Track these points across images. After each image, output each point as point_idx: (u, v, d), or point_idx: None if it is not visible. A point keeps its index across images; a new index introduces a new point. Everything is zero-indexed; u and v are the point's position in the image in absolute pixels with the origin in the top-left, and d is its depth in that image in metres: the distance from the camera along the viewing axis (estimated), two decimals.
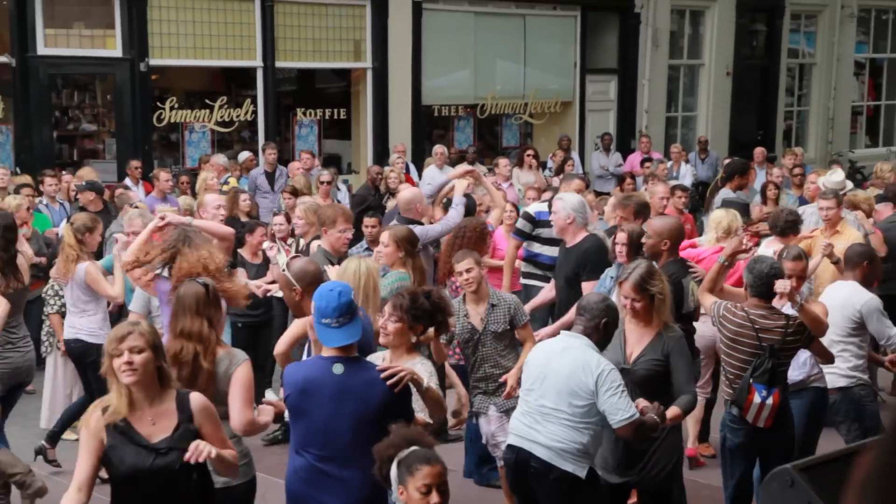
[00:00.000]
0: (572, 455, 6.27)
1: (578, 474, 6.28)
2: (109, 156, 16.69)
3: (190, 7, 17.36)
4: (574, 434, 6.24)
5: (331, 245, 9.45)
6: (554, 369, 6.36)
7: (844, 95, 27.47)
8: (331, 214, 9.71)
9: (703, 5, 24.04)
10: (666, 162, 19.39)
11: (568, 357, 6.34)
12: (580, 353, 6.31)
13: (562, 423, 6.27)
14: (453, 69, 20.55)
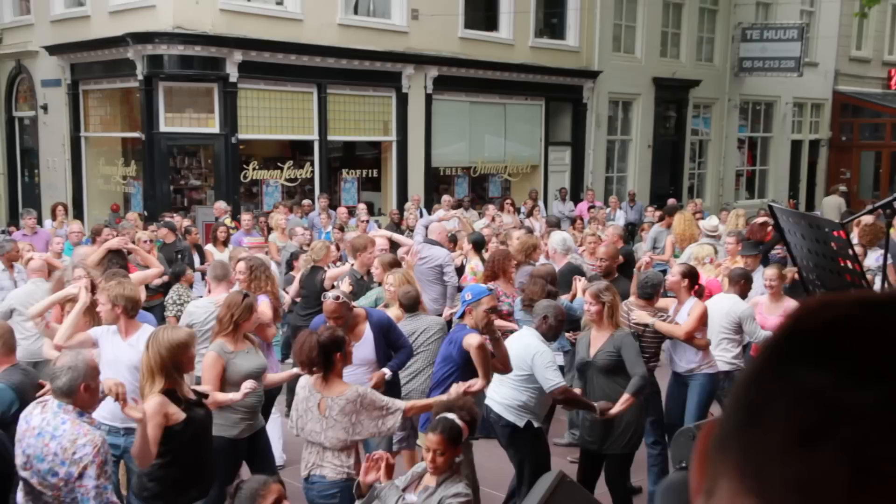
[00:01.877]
0: (514, 409, 6.65)
1: (518, 424, 6.64)
2: (209, 203, 16.64)
3: (266, 97, 17.41)
4: (516, 394, 6.63)
5: (362, 264, 9.35)
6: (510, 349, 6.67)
7: (730, 162, 27.60)
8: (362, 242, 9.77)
9: (632, 97, 24.09)
10: (605, 208, 19.46)
11: (518, 342, 6.83)
12: (527, 339, 6.78)
13: (509, 386, 6.66)
14: (454, 141, 20.55)
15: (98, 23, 17.43)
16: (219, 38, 16.39)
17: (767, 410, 0.72)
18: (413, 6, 19.04)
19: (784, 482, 0.69)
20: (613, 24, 23.32)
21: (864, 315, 0.74)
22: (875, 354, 0.70)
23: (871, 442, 0.67)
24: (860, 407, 0.68)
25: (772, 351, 0.76)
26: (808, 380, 0.70)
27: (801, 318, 0.77)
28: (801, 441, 0.69)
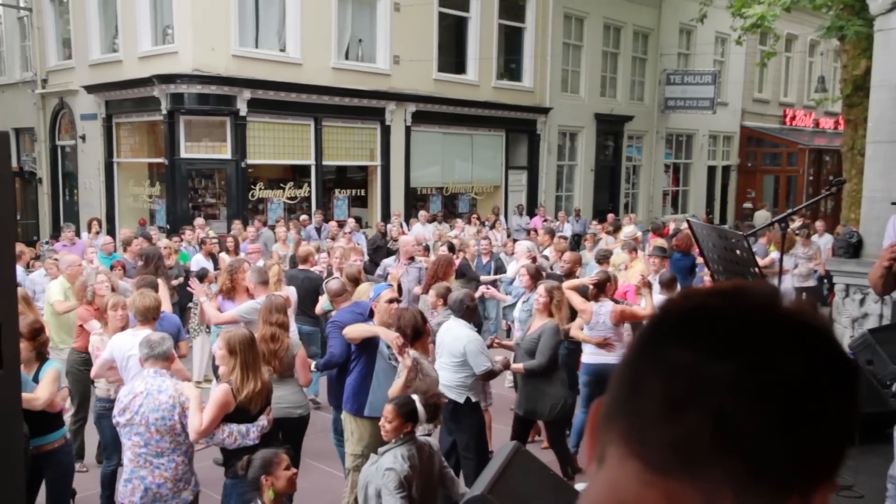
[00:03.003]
0: (454, 389, 6.55)
1: (459, 400, 6.57)
2: (223, 218, 16.55)
3: (271, 128, 17.30)
4: (454, 376, 6.58)
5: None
6: (443, 340, 6.75)
7: (658, 184, 27.75)
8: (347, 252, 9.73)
9: (577, 129, 24.14)
10: (555, 221, 19.49)
11: (449, 333, 6.73)
12: (456, 330, 6.70)
13: (449, 370, 6.58)
14: (429, 166, 20.51)
15: (129, 66, 17.33)
16: (231, 80, 16.28)
17: (644, 386, 0.75)
18: (395, 52, 18.96)
19: (661, 444, 0.72)
20: (562, 69, 23.32)
21: (717, 302, 0.78)
22: (728, 334, 0.74)
23: (728, 406, 0.71)
24: (719, 377, 0.72)
25: (645, 336, 0.80)
26: (676, 358, 0.74)
27: (668, 308, 0.81)
28: (672, 409, 0.72)
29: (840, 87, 19.01)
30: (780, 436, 0.71)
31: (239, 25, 16.58)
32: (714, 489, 0.71)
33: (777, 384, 0.71)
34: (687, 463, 0.71)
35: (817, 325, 0.76)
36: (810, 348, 0.74)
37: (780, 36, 24.25)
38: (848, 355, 0.77)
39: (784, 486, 0.72)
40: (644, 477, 0.73)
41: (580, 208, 22.86)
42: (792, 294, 0.79)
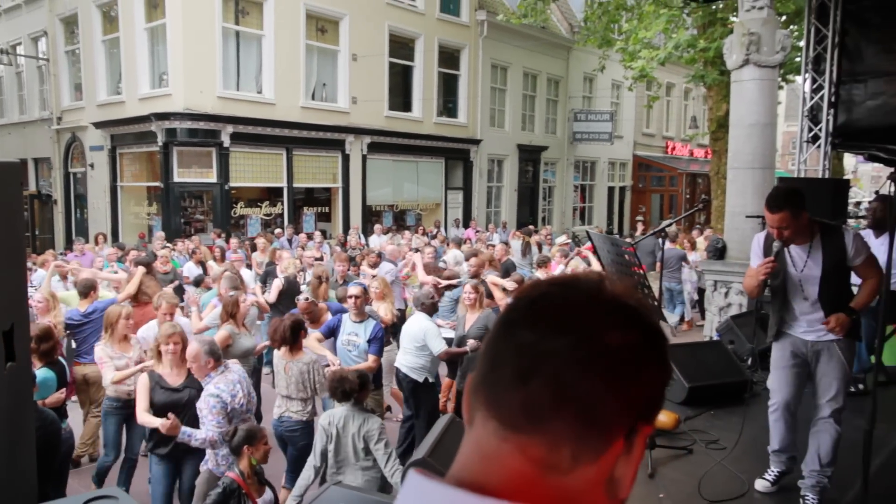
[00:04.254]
0: (416, 370, 6.48)
1: (419, 380, 6.47)
2: (210, 231, 16.30)
3: (250, 157, 17.08)
4: (415, 359, 6.51)
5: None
6: (407, 329, 6.61)
7: (569, 201, 27.94)
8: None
9: (503, 157, 24.23)
10: (486, 232, 19.57)
11: (415, 324, 6.57)
12: (419, 322, 6.56)
13: (411, 354, 6.49)
14: (382, 187, 20.45)
15: (130, 106, 17.01)
16: (216, 117, 16.07)
17: (499, 361, 0.78)
18: (353, 94, 18.89)
19: (512, 406, 0.76)
20: (490, 108, 23.42)
21: (556, 290, 0.81)
22: (562, 316, 0.77)
23: (563, 373, 0.74)
24: (555, 351, 0.75)
25: (501, 321, 0.82)
26: (522, 337, 0.77)
27: (518, 297, 0.83)
28: (520, 378, 0.75)
29: (707, 125, 19.52)
30: (603, 392, 0.74)
31: (223, 72, 16.38)
32: (556, 439, 0.74)
33: (599, 353, 0.75)
34: (533, 420, 0.74)
35: (631, 303, 0.80)
36: (625, 322, 0.78)
37: (661, 84, 24.78)
38: (657, 326, 0.81)
39: (610, 430, 0.76)
40: (501, 434, 0.76)
41: (506, 221, 23.03)
42: (616, 280, 0.83)
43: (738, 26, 9.56)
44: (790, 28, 14.09)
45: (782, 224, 3.81)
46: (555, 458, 0.74)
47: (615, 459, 0.76)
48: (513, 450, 0.75)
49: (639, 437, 0.78)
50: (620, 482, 0.77)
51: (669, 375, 0.82)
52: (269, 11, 17.08)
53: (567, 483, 0.75)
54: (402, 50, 20.45)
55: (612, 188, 30.29)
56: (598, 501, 0.77)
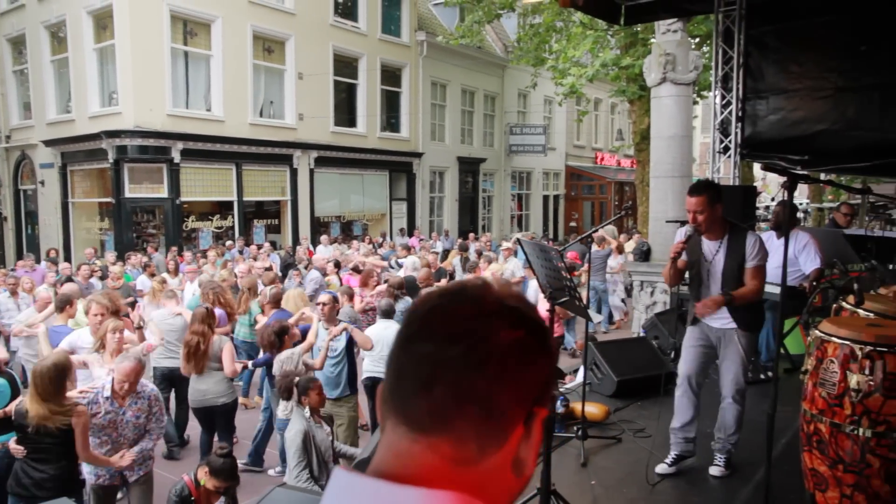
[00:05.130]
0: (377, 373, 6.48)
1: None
2: (161, 245, 15.97)
3: (200, 172, 16.82)
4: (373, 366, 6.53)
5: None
6: (386, 336, 6.48)
7: (507, 209, 28.17)
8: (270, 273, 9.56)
9: (444, 169, 24.32)
10: (429, 240, 19.63)
11: (388, 331, 6.53)
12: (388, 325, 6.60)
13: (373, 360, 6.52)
14: (329, 199, 20.36)
15: (80, 124, 16.56)
16: (166, 134, 15.78)
17: (403, 372, 0.81)
18: (299, 111, 18.76)
19: (420, 413, 0.78)
20: (431, 123, 23.51)
21: (445, 302, 0.83)
22: (453, 326, 0.79)
23: (461, 378, 0.77)
24: (451, 359, 0.77)
25: (400, 335, 0.83)
26: (421, 350, 0.79)
27: (412, 311, 0.85)
28: (423, 387, 0.78)
29: (632, 137, 20.00)
30: (499, 389, 0.78)
31: (172, 90, 16.10)
32: (461, 436, 0.77)
33: (491, 355, 0.77)
34: (439, 423, 0.77)
35: (514, 304, 0.83)
36: (510, 322, 0.80)
37: (589, 99, 25.35)
38: (540, 320, 0.85)
39: (510, 420, 0.79)
40: (411, 436, 0.78)
41: (448, 229, 23.16)
42: (503, 282, 0.89)
43: (655, 47, 9.88)
44: (702, 49, 14.60)
45: (699, 208, 4.07)
46: (463, 453, 0.77)
47: (518, 443, 0.80)
48: (423, 449, 0.77)
49: (536, 420, 0.81)
50: (525, 461, 0.81)
51: (555, 361, 0.86)
52: (217, 32, 16.87)
53: (477, 471, 0.78)
54: (346, 69, 20.42)
55: (546, 197, 30.66)
56: (507, 481, 0.80)
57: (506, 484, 0.80)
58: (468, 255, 15.32)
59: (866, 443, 2.83)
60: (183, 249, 14.99)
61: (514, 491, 0.82)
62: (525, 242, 4.11)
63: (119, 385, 4.50)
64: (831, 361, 2.97)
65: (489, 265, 11.81)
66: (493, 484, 0.79)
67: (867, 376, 2.84)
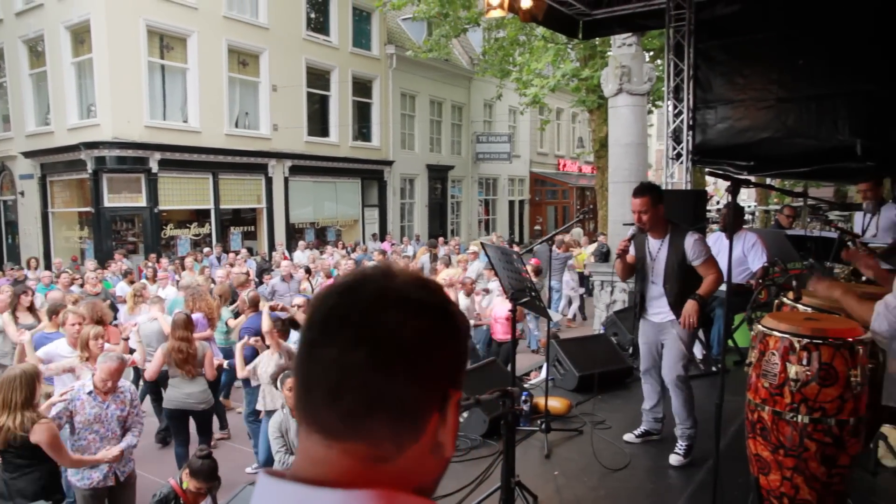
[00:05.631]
0: None
1: None
2: (141, 253, 15.77)
3: (178, 181, 16.64)
4: None
5: None
6: None
7: (474, 214, 28.28)
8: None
9: (414, 176, 24.37)
10: (400, 245, 19.64)
11: None
12: None
13: None
14: (304, 206, 20.25)
15: (59, 136, 16.30)
16: (144, 145, 15.59)
17: (311, 381, 0.75)
18: (274, 122, 18.66)
19: (332, 419, 0.74)
20: (401, 132, 23.54)
21: (343, 301, 0.77)
22: (353, 327, 0.74)
23: (369, 382, 0.73)
24: (357, 364, 0.73)
25: (302, 340, 0.78)
26: (325, 356, 0.74)
27: (311, 313, 0.79)
28: (332, 395, 0.73)
29: (592, 144, 20.24)
30: (409, 385, 0.74)
31: (149, 102, 15.91)
32: (376, 437, 0.73)
33: (397, 352, 0.73)
34: (352, 428, 0.73)
35: (416, 293, 0.78)
36: (414, 313, 0.76)
37: (551, 108, 25.55)
38: (444, 303, 0.80)
39: (424, 412, 0.76)
40: (325, 443, 0.74)
41: (419, 234, 23.18)
42: (400, 268, 0.81)
43: (612, 60, 10.03)
44: (655, 62, 14.84)
45: (643, 208, 4.19)
46: (379, 452, 0.74)
47: (435, 430, 0.76)
48: (339, 454, 0.74)
49: (451, 404, 0.78)
50: (444, 445, 0.78)
51: (465, 342, 0.81)
52: (193, 47, 16.71)
53: (396, 465, 0.75)
54: (318, 81, 20.35)
55: (512, 202, 30.83)
56: (428, 467, 0.78)
57: (428, 468, 0.78)
58: (436, 252, 15.42)
59: (804, 428, 2.93)
60: (161, 256, 14.82)
61: (437, 472, 0.80)
62: (488, 246, 4.15)
63: (102, 383, 4.47)
64: (773, 354, 3.05)
65: (445, 268, 11.84)
66: (414, 473, 0.76)
67: (805, 367, 2.93)
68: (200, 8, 16.73)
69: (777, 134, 8.00)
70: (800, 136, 7.77)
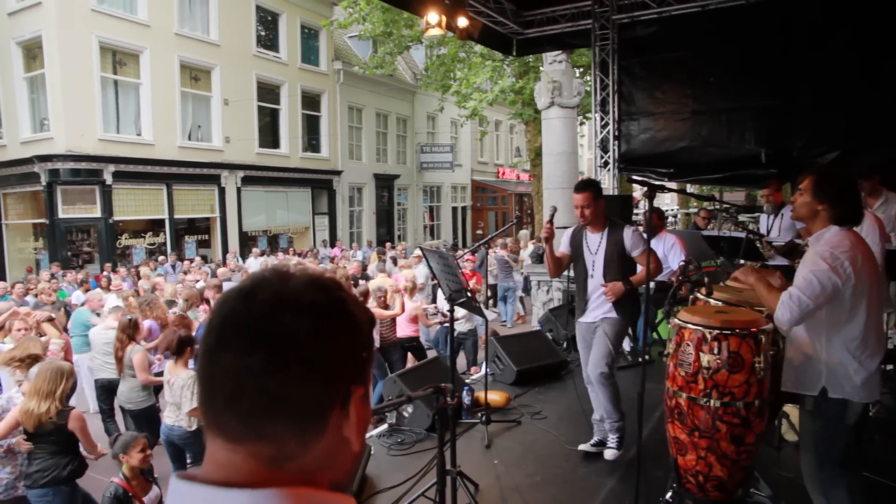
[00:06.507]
0: None
1: None
2: (97, 263, 15.23)
3: (132, 193, 16.14)
4: None
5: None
6: None
7: (420, 220, 28.12)
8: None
9: (362, 185, 24.20)
10: (349, 250, 19.49)
11: None
12: None
13: None
14: (256, 215, 19.89)
15: (12, 149, 15.64)
16: (98, 157, 15.06)
17: (212, 387, 0.73)
18: (226, 134, 18.29)
19: (233, 424, 0.71)
20: (349, 143, 23.37)
21: (240, 306, 0.74)
22: (252, 331, 0.71)
23: (267, 385, 0.70)
24: (254, 368, 0.70)
25: (202, 347, 0.75)
26: (223, 362, 0.71)
27: (210, 318, 0.76)
28: (232, 400, 0.71)
29: (528, 154, 20.52)
30: (308, 386, 0.71)
31: (103, 116, 15.39)
32: (279, 439, 0.71)
33: (293, 354, 0.70)
34: (253, 431, 0.71)
35: (310, 294, 0.75)
36: (310, 314, 0.73)
37: (490, 120, 25.76)
38: (341, 302, 0.77)
39: (325, 410, 0.73)
40: (230, 447, 0.72)
41: (371, 240, 23.04)
42: (300, 270, 0.79)
43: (544, 75, 10.19)
44: (584, 77, 15.15)
45: (586, 202, 4.20)
46: (284, 452, 0.72)
47: (339, 427, 0.74)
48: (244, 457, 0.72)
49: (354, 400, 0.75)
50: (350, 440, 0.75)
51: (366, 338, 0.79)
52: (146, 62, 16.25)
53: (303, 463, 0.73)
54: (269, 95, 20.05)
55: (455, 208, 30.91)
56: (338, 462, 0.76)
57: (337, 463, 0.76)
58: (385, 257, 15.38)
59: (716, 412, 3.03)
60: (117, 266, 14.38)
61: (346, 466, 0.78)
62: (427, 250, 4.16)
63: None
64: (688, 345, 3.15)
65: (380, 274, 11.80)
66: (323, 469, 0.75)
67: (716, 356, 3.03)
68: (153, 25, 16.29)
69: (693, 143, 8.28)
70: (713, 146, 8.06)
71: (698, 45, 7.99)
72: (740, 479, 3.11)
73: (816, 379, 2.79)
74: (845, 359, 2.72)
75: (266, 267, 6.60)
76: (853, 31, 7.10)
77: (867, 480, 3.28)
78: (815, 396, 2.81)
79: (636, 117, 8.78)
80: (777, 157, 7.59)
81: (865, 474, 3.30)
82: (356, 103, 23.58)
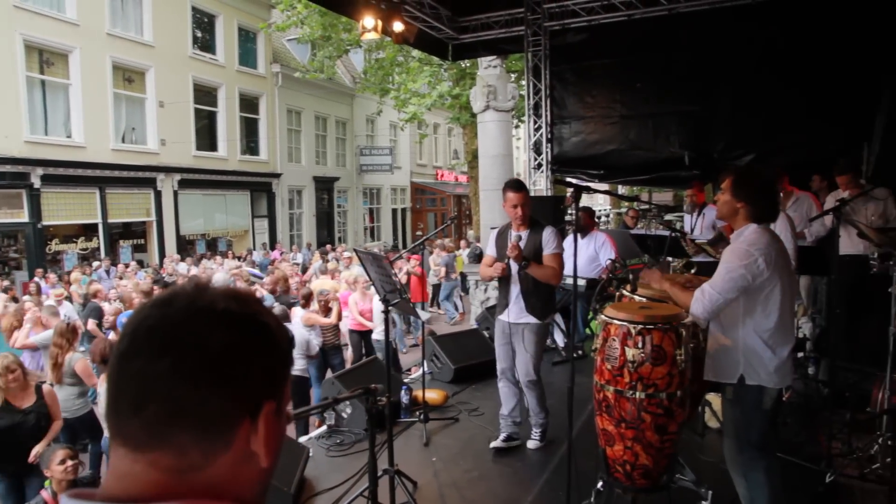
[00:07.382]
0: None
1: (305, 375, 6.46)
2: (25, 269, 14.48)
3: (63, 196, 15.36)
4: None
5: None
6: None
7: (360, 222, 27.94)
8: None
9: (301, 187, 23.84)
10: (290, 253, 19.16)
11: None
12: None
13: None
14: (194, 219, 19.33)
15: None
16: (24, 160, 14.27)
17: (119, 392, 0.70)
18: (162, 136, 17.65)
19: (136, 431, 0.68)
20: (288, 146, 22.96)
21: (155, 313, 0.72)
22: (160, 338, 0.70)
23: (173, 392, 0.68)
24: (161, 373, 0.68)
25: (114, 353, 0.73)
26: (132, 366, 0.69)
27: (125, 325, 0.74)
28: (136, 406, 0.68)
29: (465, 156, 20.64)
30: (216, 396, 0.69)
31: (29, 117, 14.58)
32: (182, 448, 0.68)
33: (202, 363, 0.69)
34: (156, 439, 0.68)
35: (225, 306, 0.73)
36: (223, 326, 0.71)
37: (429, 124, 25.81)
38: (257, 318, 0.75)
39: (232, 422, 0.71)
40: (131, 456, 0.69)
41: (310, 242, 22.68)
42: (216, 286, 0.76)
43: (479, 80, 10.25)
44: (519, 82, 15.32)
45: (523, 201, 4.24)
46: (186, 462, 0.69)
47: (247, 440, 0.72)
48: (145, 467, 0.68)
49: (263, 415, 0.73)
50: (258, 455, 0.73)
51: (282, 353, 0.76)
52: (75, 62, 15.52)
53: (206, 475, 0.70)
54: (206, 97, 19.48)
55: (395, 210, 30.81)
56: (244, 477, 0.73)
57: (244, 478, 0.73)
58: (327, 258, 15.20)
59: (640, 403, 3.10)
60: (47, 272, 13.67)
61: (255, 482, 0.74)
62: (360, 253, 4.11)
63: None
64: (614, 339, 3.20)
65: (322, 276, 11.68)
66: (228, 483, 0.71)
67: (640, 350, 3.10)
68: (82, 24, 15.58)
69: (622, 146, 8.49)
70: (640, 149, 8.28)
71: (626, 52, 8.20)
72: (665, 466, 3.19)
73: (735, 367, 2.93)
74: (760, 348, 2.86)
75: (203, 271, 6.49)
76: (769, 39, 7.41)
77: (781, 460, 3.41)
78: (734, 384, 2.93)
79: (568, 121, 8.93)
80: (699, 159, 7.87)
81: (779, 455, 3.43)
82: (295, 106, 23.20)
